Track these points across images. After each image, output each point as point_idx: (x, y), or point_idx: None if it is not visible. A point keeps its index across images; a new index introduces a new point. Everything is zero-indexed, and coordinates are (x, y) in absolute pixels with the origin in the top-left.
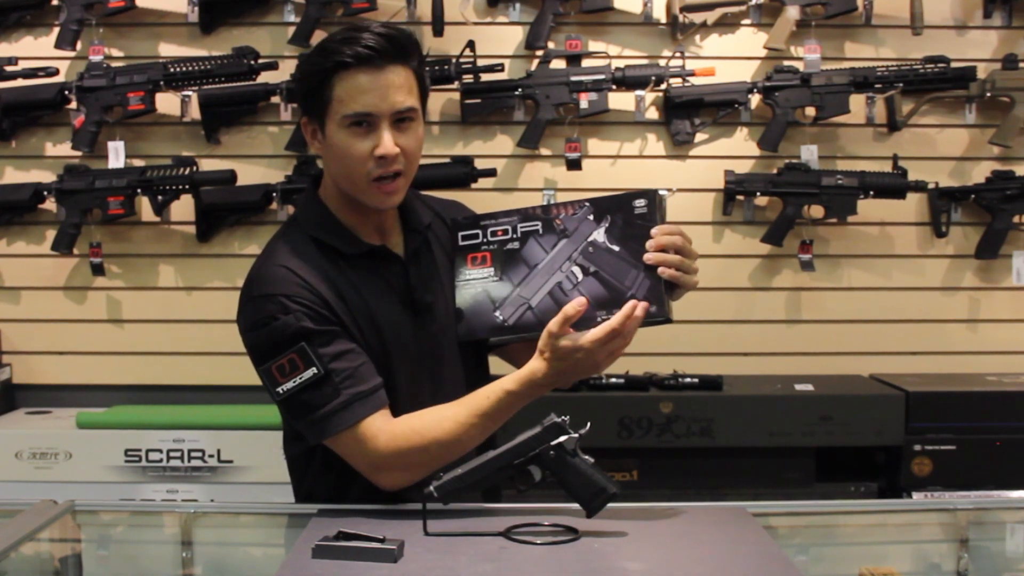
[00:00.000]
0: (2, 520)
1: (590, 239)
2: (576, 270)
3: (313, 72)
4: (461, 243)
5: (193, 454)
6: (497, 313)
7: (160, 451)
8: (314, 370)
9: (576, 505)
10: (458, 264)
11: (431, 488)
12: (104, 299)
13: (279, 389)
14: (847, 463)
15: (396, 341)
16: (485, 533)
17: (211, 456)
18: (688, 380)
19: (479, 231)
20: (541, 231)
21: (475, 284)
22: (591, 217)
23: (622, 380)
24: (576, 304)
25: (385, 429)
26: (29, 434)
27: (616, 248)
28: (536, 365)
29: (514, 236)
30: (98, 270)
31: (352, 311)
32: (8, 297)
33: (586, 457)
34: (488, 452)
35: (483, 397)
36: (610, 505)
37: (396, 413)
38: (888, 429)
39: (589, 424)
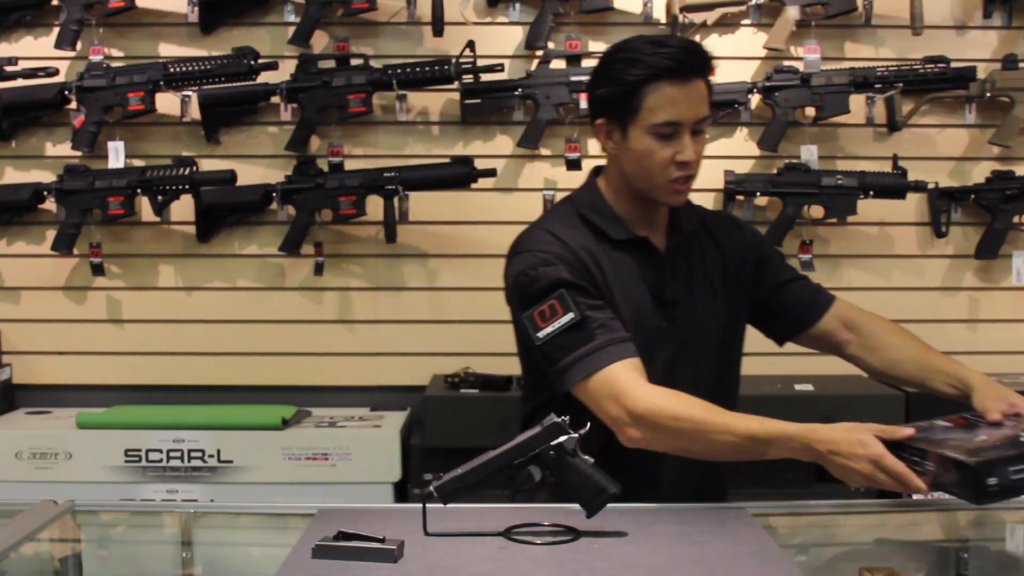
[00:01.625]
0: (2, 520)
1: None
2: None
3: (623, 80)
4: None
5: (193, 454)
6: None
7: (160, 451)
8: (572, 315)
9: (576, 505)
10: None
11: (431, 488)
12: (104, 299)
13: (539, 334)
14: None
15: (635, 328)
16: (485, 533)
17: (211, 456)
18: None
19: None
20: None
21: None
22: None
23: None
24: (907, 431)
25: (643, 381)
26: (29, 434)
27: None
28: (826, 429)
29: None
30: (98, 270)
31: (599, 287)
32: (8, 297)
33: (586, 457)
34: (488, 452)
35: (756, 421)
36: (610, 505)
37: None
38: None
39: (589, 424)
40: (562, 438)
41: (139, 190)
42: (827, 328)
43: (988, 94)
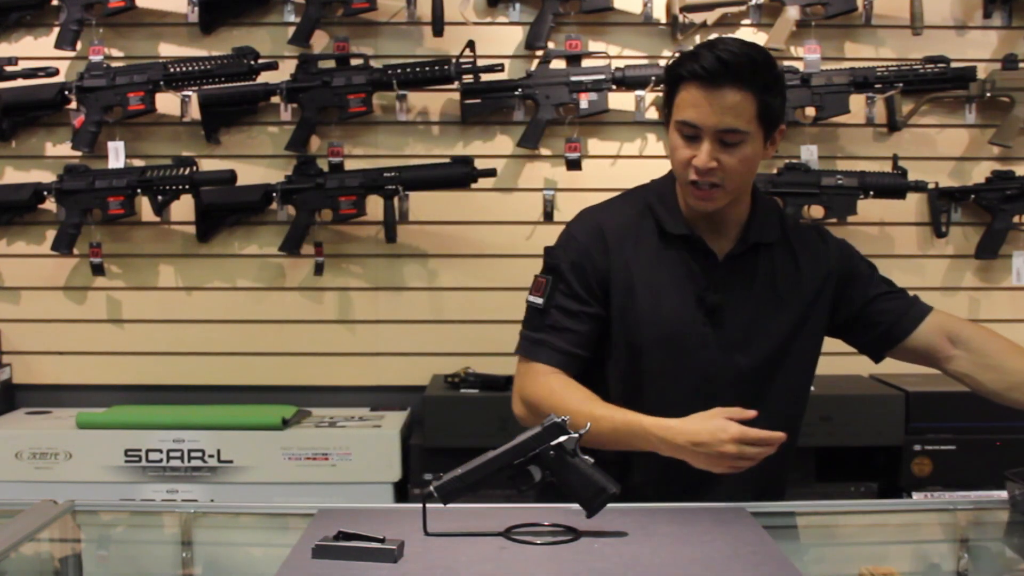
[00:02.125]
0: (2, 520)
1: None
2: None
3: (668, 75)
4: None
5: (193, 454)
6: None
7: (160, 451)
8: (542, 300)
9: (576, 505)
10: None
11: (431, 488)
12: (104, 299)
13: (528, 297)
14: (847, 463)
15: (667, 325)
16: (485, 533)
17: (211, 456)
18: None
19: None
20: None
21: None
22: None
23: None
24: (778, 437)
25: (543, 379)
26: (29, 434)
27: None
28: (680, 423)
29: None
30: (98, 270)
31: (629, 280)
32: (8, 297)
33: (586, 457)
34: (488, 452)
35: (619, 413)
36: (610, 505)
37: (645, 394)
38: (888, 429)
39: (589, 425)
40: (562, 438)
41: (139, 190)
42: (927, 341)
43: (988, 94)
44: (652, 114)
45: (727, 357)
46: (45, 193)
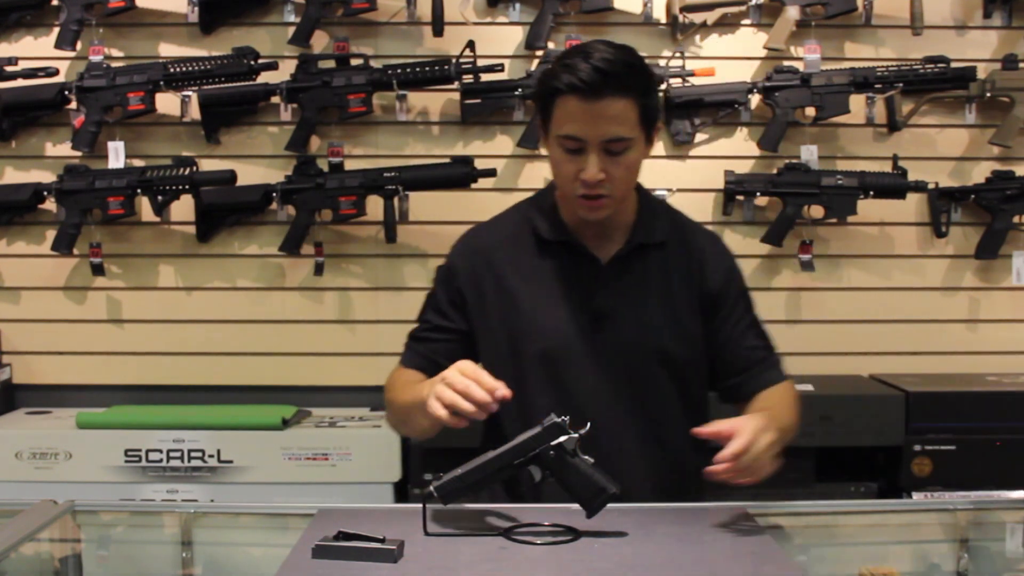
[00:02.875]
0: (2, 520)
1: None
2: None
3: (539, 89)
4: None
5: (193, 454)
6: None
7: (160, 451)
8: (417, 320)
9: (576, 505)
10: None
11: (431, 488)
12: (104, 299)
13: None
14: (847, 463)
15: (549, 335)
16: (485, 533)
17: (211, 456)
18: None
19: None
20: None
21: None
22: None
23: None
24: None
25: (395, 375)
26: (29, 434)
27: None
28: None
29: None
30: (98, 270)
31: (505, 294)
32: (8, 297)
33: (586, 457)
34: (488, 452)
35: (421, 388)
36: (610, 505)
37: (536, 406)
38: (888, 429)
39: (589, 424)
40: (562, 438)
41: (139, 190)
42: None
43: (988, 94)
44: None
45: (615, 360)
46: (45, 193)
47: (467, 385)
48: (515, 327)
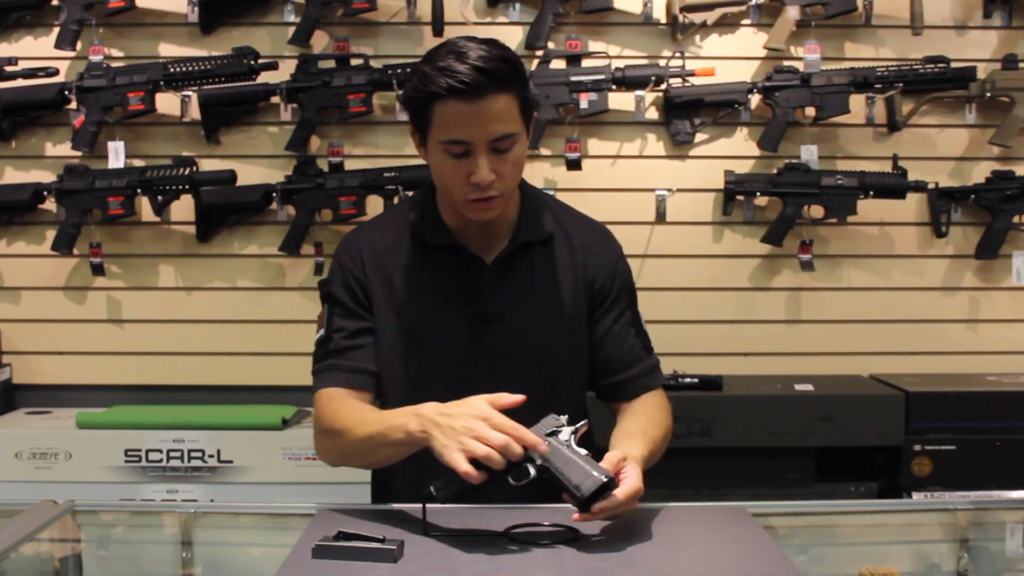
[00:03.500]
0: (2, 520)
1: None
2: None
3: (415, 95)
4: None
5: (193, 454)
6: None
7: (160, 451)
8: (323, 331)
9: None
10: None
11: (431, 488)
12: (104, 299)
13: (316, 335)
14: (847, 463)
15: (436, 341)
16: (485, 533)
17: (211, 456)
18: (688, 380)
19: None
20: None
21: None
22: None
23: None
24: (517, 399)
25: (332, 402)
26: (29, 434)
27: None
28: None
29: None
30: (98, 270)
31: (391, 299)
32: (8, 297)
33: (579, 449)
34: None
35: (388, 418)
36: None
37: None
38: (888, 429)
39: (587, 422)
40: (558, 432)
41: (139, 190)
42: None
43: (988, 94)
44: (652, 114)
45: (504, 362)
46: (45, 193)
47: (507, 443)
48: (403, 332)
